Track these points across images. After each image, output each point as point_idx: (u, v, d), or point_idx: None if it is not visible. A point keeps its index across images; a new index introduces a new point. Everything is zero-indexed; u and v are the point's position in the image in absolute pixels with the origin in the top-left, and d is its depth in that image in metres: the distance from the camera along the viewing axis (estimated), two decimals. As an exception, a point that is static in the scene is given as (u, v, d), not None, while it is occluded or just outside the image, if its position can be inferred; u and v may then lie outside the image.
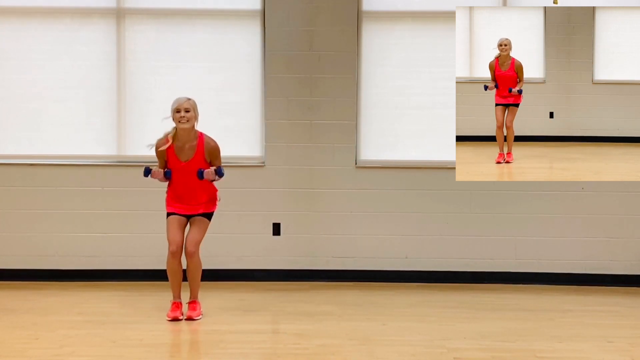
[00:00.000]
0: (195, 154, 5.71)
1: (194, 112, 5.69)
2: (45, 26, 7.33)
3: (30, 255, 7.24)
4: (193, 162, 5.71)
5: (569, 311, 6.24)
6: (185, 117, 5.64)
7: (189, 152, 5.71)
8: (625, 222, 7.31)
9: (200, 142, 5.73)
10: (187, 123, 5.66)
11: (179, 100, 5.69)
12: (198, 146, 5.72)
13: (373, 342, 5.14)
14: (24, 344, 5.01)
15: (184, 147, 5.71)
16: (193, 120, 5.70)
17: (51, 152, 7.32)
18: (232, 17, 7.36)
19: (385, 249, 7.31)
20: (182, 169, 5.71)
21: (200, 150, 5.72)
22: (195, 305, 5.81)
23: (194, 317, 5.71)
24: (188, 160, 5.71)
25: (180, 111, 5.65)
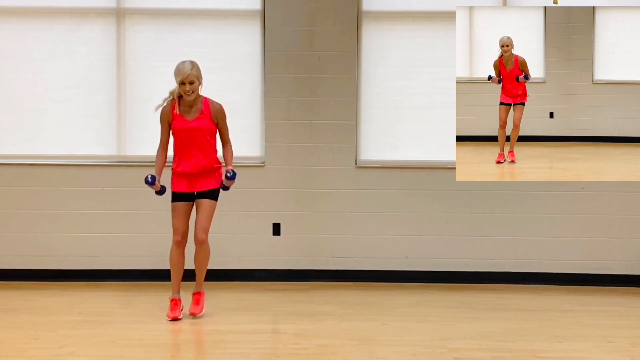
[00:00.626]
0: (201, 113, 5.71)
1: (198, 81, 5.67)
2: (45, 26, 7.33)
3: (30, 255, 7.24)
4: (200, 120, 5.71)
5: (569, 311, 6.24)
6: (190, 90, 5.63)
7: (195, 112, 5.71)
8: (625, 222, 7.31)
9: (205, 105, 5.75)
10: (192, 94, 5.65)
11: (183, 72, 5.61)
12: (204, 107, 5.73)
13: (373, 342, 5.14)
14: (24, 344, 5.01)
15: (190, 110, 5.72)
16: (198, 89, 5.69)
17: (51, 152, 7.32)
18: (232, 17, 7.36)
19: (385, 249, 7.32)
20: (189, 129, 5.68)
21: (207, 110, 5.72)
22: (199, 298, 5.79)
23: (196, 314, 5.70)
24: (194, 119, 5.70)
25: (185, 84, 5.62)
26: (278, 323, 5.76)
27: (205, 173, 5.76)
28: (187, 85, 5.61)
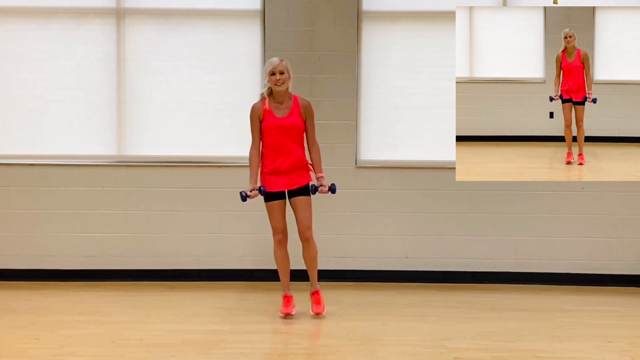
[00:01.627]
0: (292, 111, 5.76)
1: (288, 74, 5.72)
2: (44, 26, 7.33)
3: (30, 255, 7.24)
4: (290, 117, 5.75)
5: (569, 311, 6.24)
6: (280, 80, 5.67)
7: (285, 110, 5.76)
8: (625, 222, 7.31)
9: (295, 101, 5.79)
10: (283, 85, 5.69)
11: (273, 63, 5.70)
12: (294, 104, 5.77)
13: (373, 342, 5.14)
14: (24, 344, 5.01)
15: (280, 107, 5.75)
16: (288, 81, 5.73)
17: (51, 152, 7.31)
18: (232, 17, 7.36)
19: (385, 249, 7.32)
20: (279, 126, 5.73)
21: (297, 107, 5.77)
22: (318, 298, 5.82)
23: (320, 313, 5.75)
24: (285, 116, 5.74)
25: (275, 74, 5.67)
26: (278, 323, 5.76)
27: (297, 169, 5.80)
28: (277, 75, 5.66)
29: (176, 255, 7.29)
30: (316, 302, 5.83)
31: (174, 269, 7.29)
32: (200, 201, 7.26)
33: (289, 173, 5.78)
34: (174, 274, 7.27)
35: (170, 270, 7.29)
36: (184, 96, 7.34)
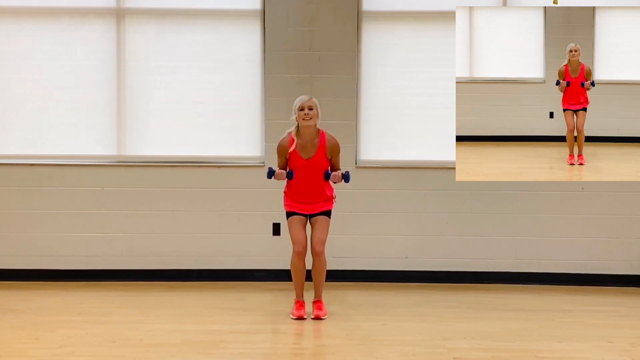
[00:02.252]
0: (318, 151, 5.76)
1: (316, 110, 5.76)
2: (44, 26, 7.33)
3: (30, 255, 7.24)
4: (315, 159, 5.76)
5: (569, 311, 6.24)
6: (309, 115, 5.71)
7: (311, 150, 5.76)
8: (625, 222, 7.31)
9: (322, 140, 5.79)
10: (311, 121, 5.72)
11: (303, 99, 5.76)
12: (320, 143, 5.77)
13: (373, 342, 5.14)
14: (24, 344, 5.01)
15: (307, 145, 5.77)
16: (316, 118, 5.75)
17: (51, 152, 7.32)
18: (232, 17, 7.36)
19: (385, 249, 7.32)
20: (304, 167, 5.76)
21: (322, 147, 5.77)
22: (321, 305, 5.86)
23: (321, 317, 5.77)
24: (310, 158, 5.75)
25: (304, 109, 5.72)
26: (278, 323, 5.76)
27: (318, 202, 5.85)
28: (306, 110, 5.70)
29: (176, 255, 7.29)
30: (318, 307, 5.87)
31: (174, 269, 7.29)
32: (200, 201, 7.27)
33: (310, 206, 5.85)
34: (174, 274, 7.27)
35: (170, 270, 7.29)
36: (184, 96, 7.34)
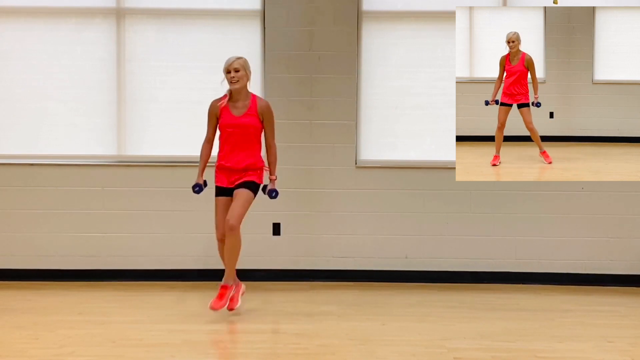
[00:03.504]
0: (248, 110, 5.78)
1: (244, 71, 5.75)
2: (45, 26, 7.32)
3: (30, 255, 7.24)
4: (246, 116, 5.77)
5: (569, 311, 6.24)
6: (235, 77, 5.71)
7: (242, 109, 5.78)
8: (625, 222, 7.31)
9: (253, 101, 5.80)
10: (238, 83, 5.72)
11: (229, 60, 5.74)
12: (251, 104, 5.79)
13: (373, 342, 5.14)
14: (24, 344, 5.01)
15: (237, 105, 5.79)
16: (244, 79, 5.75)
17: (51, 152, 7.32)
18: (232, 17, 7.36)
19: (385, 249, 7.32)
20: (235, 125, 5.76)
21: (254, 107, 5.79)
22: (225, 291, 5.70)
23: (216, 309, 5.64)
24: (241, 115, 5.77)
25: (230, 72, 5.71)
26: (278, 323, 5.76)
27: (248, 170, 5.81)
28: (232, 73, 5.70)
29: (176, 255, 7.29)
30: (219, 296, 5.69)
31: (174, 269, 7.29)
32: (200, 201, 7.24)
33: (238, 172, 5.80)
34: (174, 274, 7.27)
35: (170, 270, 7.29)
36: (184, 96, 7.34)
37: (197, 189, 5.95)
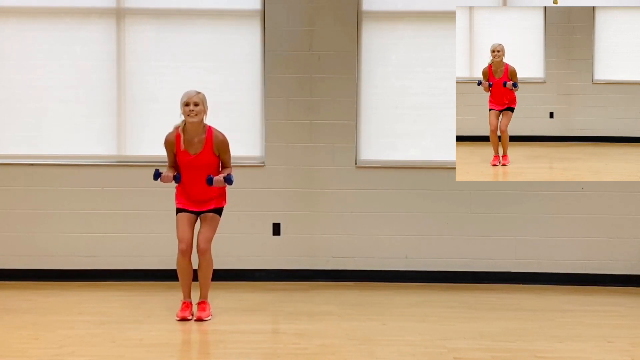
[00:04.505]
0: (204, 147, 5.72)
1: (202, 106, 5.69)
2: (45, 26, 7.33)
3: (30, 255, 7.24)
4: (202, 155, 5.72)
5: (569, 311, 6.24)
6: (194, 111, 5.65)
7: (198, 146, 5.72)
8: (625, 222, 7.31)
9: (209, 136, 5.74)
10: (196, 117, 5.67)
11: (189, 94, 5.68)
12: (207, 140, 5.73)
13: (373, 342, 5.14)
14: (24, 344, 5.01)
15: (193, 141, 5.72)
16: (202, 114, 5.70)
17: (51, 152, 7.32)
18: (232, 17, 7.36)
19: (385, 249, 7.32)
20: (190, 163, 5.72)
21: (209, 143, 5.73)
22: (205, 306, 5.81)
23: (203, 318, 5.70)
24: (197, 154, 5.72)
25: (190, 104, 5.65)
26: (278, 323, 5.76)
27: (209, 200, 5.83)
28: (191, 106, 5.63)
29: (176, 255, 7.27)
30: (201, 309, 5.79)
31: (174, 269, 7.27)
32: (200, 201, 7.26)
33: (203, 202, 5.82)
34: (173, 274, 7.25)
35: (170, 270, 7.26)
36: (184, 96, 7.34)
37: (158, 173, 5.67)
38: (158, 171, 5.70)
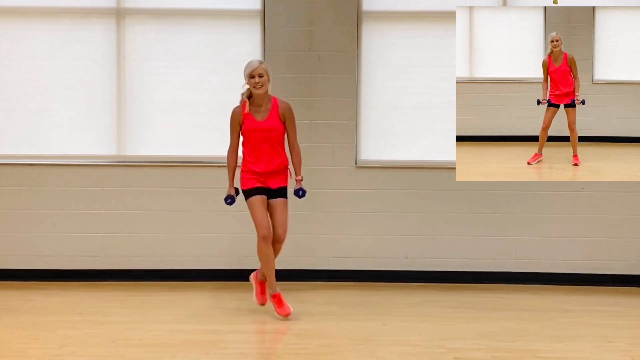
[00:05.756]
0: (270, 113, 5.79)
1: (267, 76, 5.75)
2: (45, 26, 7.33)
3: (30, 255, 7.24)
4: (268, 120, 5.78)
5: (569, 311, 6.24)
6: (259, 83, 5.71)
7: (264, 113, 5.79)
8: (625, 222, 7.31)
9: (275, 104, 5.82)
10: (262, 88, 5.72)
11: (252, 65, 5.73)
12: (273, 108, 5.80)
13: (373, 342, 5.14)
14: (24, 344, 5.01)
15: (260, 110, 5.79)
16: (267, 84, 5.75)
17: (51, 152, 7.32)
18: (232, 17, 7.36)
19: (385, 249, 7.32)
20: (259, 129, 5.77)
21: (275, 110, 5.80)
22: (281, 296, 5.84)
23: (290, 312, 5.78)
24: (264, 119, 5.78)
25: (255, 76, 5.71)
26: (278, 323, 5.76)
27: (276, 172, 5.85)
28: (256, 78, 5.69)
29: (176, 255, 7.29)
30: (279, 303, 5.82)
31: (174, 269, 7.29)
32: (200, 201, 7.26)
33: (266, 174, 5.83)
34: (174, 274, 7.27)
35: (170, 270, 7.29)
36: (184, 96, 7.34)
37: (230, 201, 5.91)
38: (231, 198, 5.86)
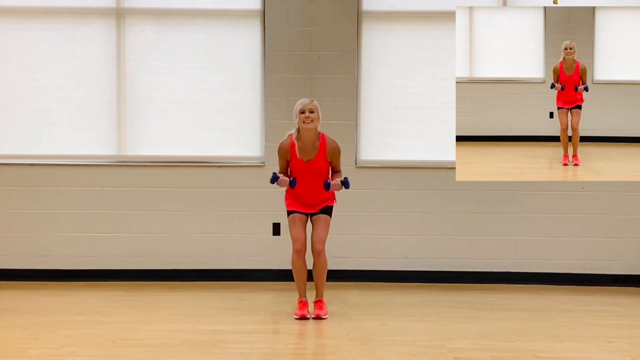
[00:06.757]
0: (318, 154, 5.78)
1: (317, 113, 5.76)
2: (45, 26, 7.33)
3: (30, 255, 7.24)
4: (315, 161, 5.77)
5: (569, 311, 6.24)
6: (309, 118, 5.72)
7: (312, 152, 5.77)
8: (625, 222, 7.31)
9: (322, 142, 5.80)
10: (312, 124, 5.73)
11: (304, 102, 5.77)
12: (321, 146, 5.79)
13: (373, 342, 5.14)
14: (24, 344, 5.01)
15: (307, 148, 5.78)
16: (317, 121, 5.76)
17: (51, 152, 7.32)
18: (232, 17, 7.36)
19: (385, 249, 7.32)
20: (305, 169, 5.77)
21: (323, 150, 5.79)
22: (322, 304, 5.86)
23: (322, 316, 5.77)
24: (311, 160, 5.77)
25: (305, 112, 5.72)
26: (278, 323, 5.76)
27: (321, 203, 5.86)
28: (307, 113, 5.71)
29: (176, 255, 7.29)
30: (319, 307, 5.87)
31: (174, 269, 7.30)
32: (200, 201, 7.27)
33: (312, 207, 5.87)
34: (174, 274, 7.28)
35: (170, 270, 7.29)
36: (184, 96, 7.35)
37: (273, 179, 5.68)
38: (276, 175, 5.72)
